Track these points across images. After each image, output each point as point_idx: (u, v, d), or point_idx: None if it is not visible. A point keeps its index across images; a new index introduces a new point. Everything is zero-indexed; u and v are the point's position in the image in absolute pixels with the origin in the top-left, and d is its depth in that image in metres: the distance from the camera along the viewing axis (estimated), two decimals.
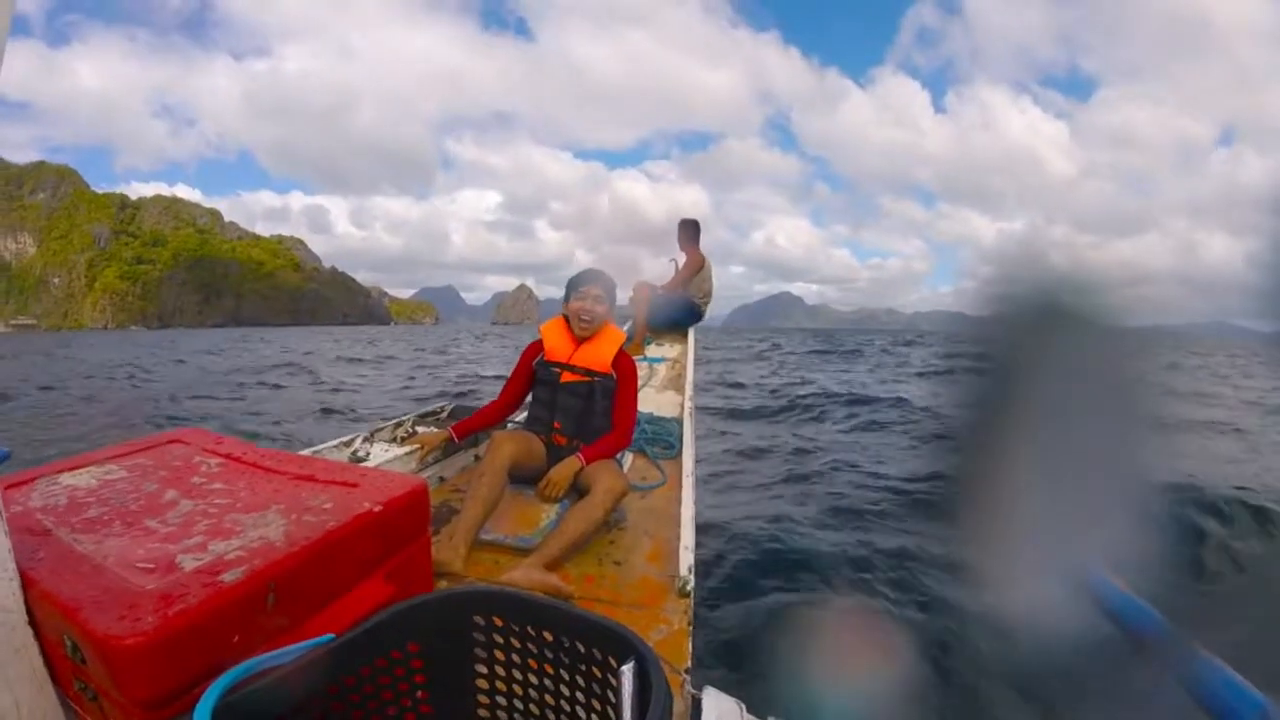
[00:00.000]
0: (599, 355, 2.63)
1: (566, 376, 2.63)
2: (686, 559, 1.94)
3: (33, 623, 0.95)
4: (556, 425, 2.62)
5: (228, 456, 1.41)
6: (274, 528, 1.06)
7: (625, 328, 5.48)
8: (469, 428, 2.77)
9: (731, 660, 2.59)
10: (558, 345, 2.69)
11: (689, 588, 1.87)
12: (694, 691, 1.48)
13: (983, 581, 0.77)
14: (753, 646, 2.68)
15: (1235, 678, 0.78)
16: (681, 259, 5.97)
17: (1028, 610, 0.76)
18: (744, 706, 1.42)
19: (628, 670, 0.87)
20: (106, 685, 0.85)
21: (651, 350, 5.46)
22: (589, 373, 2.61)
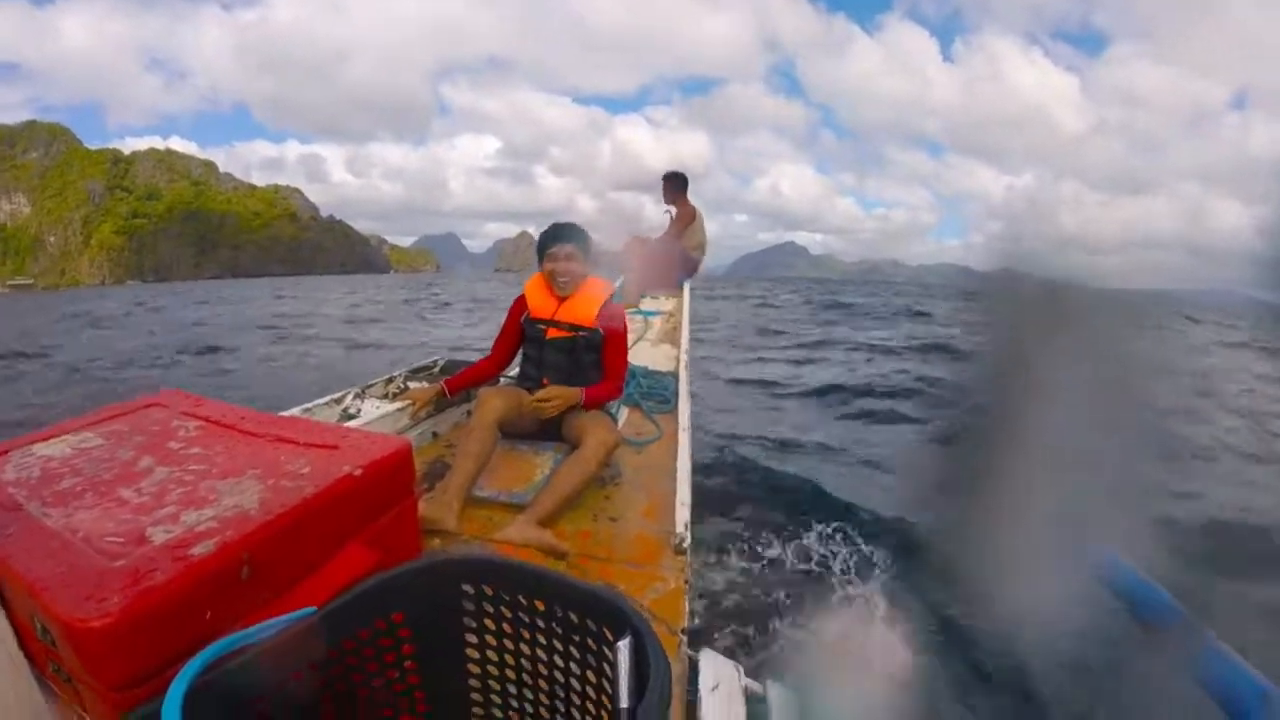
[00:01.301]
0: (583, 310, 2.58)
1: (552, 333, 2.59)
2: (683, 515, 1.92)
3: (5, 604, 0.91)
4: (545, 382, 2.59)
5: (206, 419, 1.36)
6: (249, 495, 1.01)
7: (618, 282, 5.42)
8: (461, 382, 2.74)
9: (731, 620, 2.58)
10: (541, 302, 2.64)
11: (685, 545, 1.85)
12: (691, 653, 1.46)
13: (996, 564, 0.74)
14: (754, 607, 2.67)
15: (1241, 664, 0.77)
16: (672, 211, 5.88)
17: (1041, 594, 0.74)
18: (741, 670, 1.39)
19: (624, 646, 0.83)
20: (76, 667, 0.82)
21: (646, 303, 5.42)
22: (574, 328, 2.57)
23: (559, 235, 2.57)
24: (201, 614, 0.86)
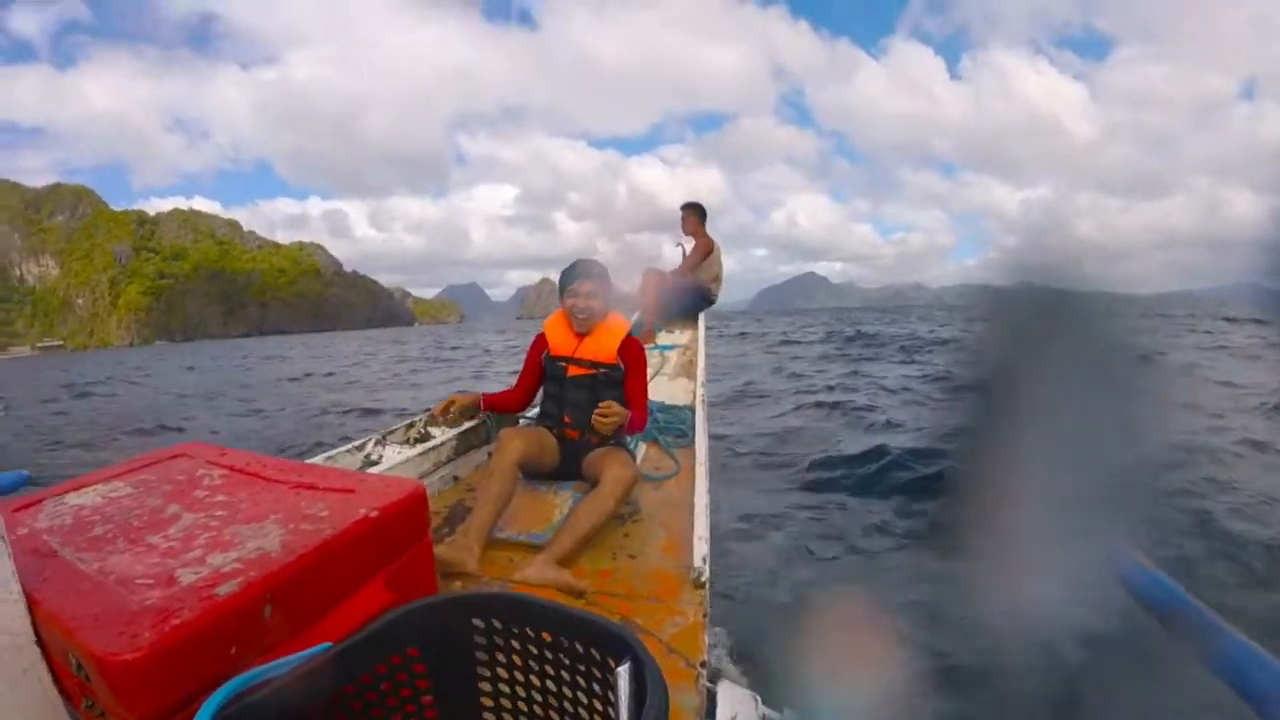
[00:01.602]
0: (603, 347, 2.61)
1: (573, 370, 2.63)
2: (701, 549, 1.92)
3: (40, 643, 0.96)
4: (566, 419, 2.62)
5: (230, 468, 1.41)
6: (271, 538, 1.06)
7: (635, 317, 5.47)
8: (497, 400, 2.81)
9: (748, 651, 2.58)
10: (561, 340, 2.68)
11: (704, 579, 1.85)
12: (709, 685, 1.47)
13: (1008, 564, 0.76)
14: (770, 637, 2.66)
15: (1262, 654, 0.76)
16: (689, 244, 5.91)
17: (1054, 591, 0.75)
18: (759, 699, 1.40)
19: (624, 672, 0.86)
20: (109, 701, 0.86)
21: (662, 338, 5.43)
22: (594, 365, 2.61)
23: (578, 272, 2.62)
24: (226, 649, 0.90)
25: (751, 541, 3.61)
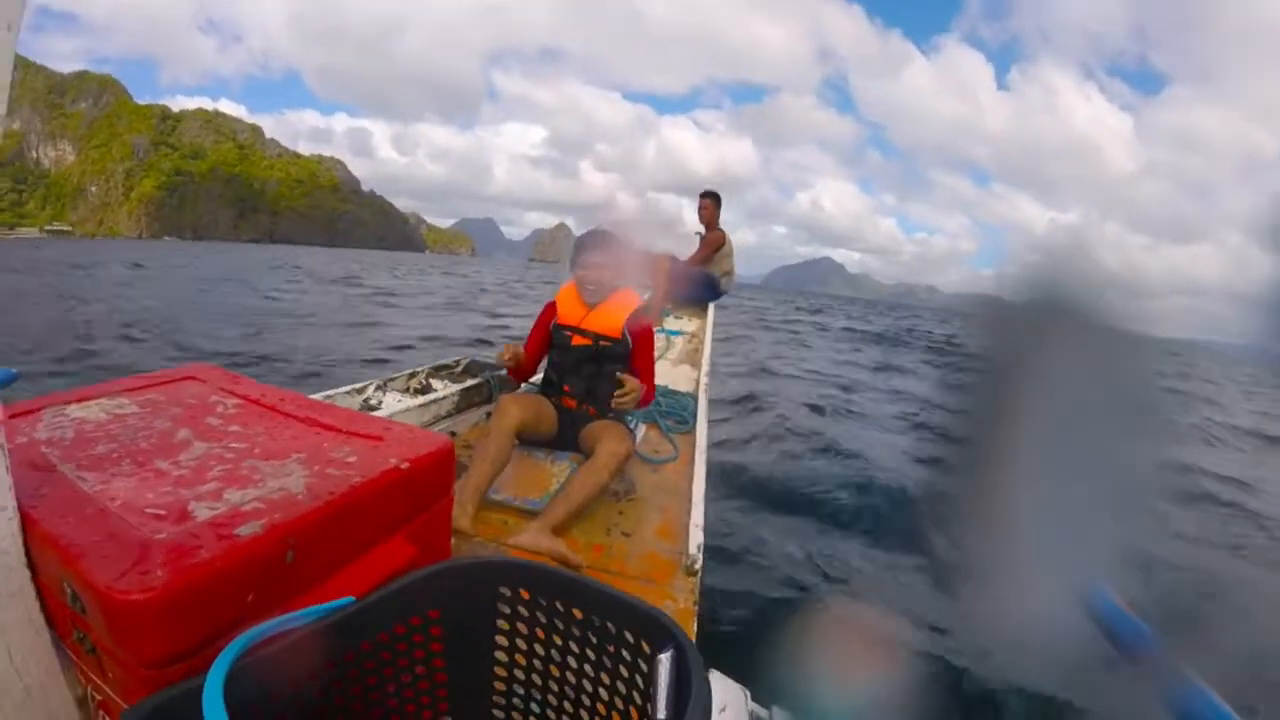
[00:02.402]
0: (610, 320, 2.55)
1: (577, 340, 2.57)
2: (696, 537, 1.89)
3: (31, 565, 0.87)
4: (566, 389, 2.57)
5: (245, 398, 1.32)
6: (295, 479, 0.97)
7: (646, 298, 5.38)
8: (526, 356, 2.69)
9: (736, 644, 2.56)
10: (570, 310, 2.62)
11: (697, 566, 1.82)
12: None
13: (984, 586, 0.73)
14: (759, 631, 2.65)
15: (1220, 705, 0.75)
16: (701, 231, 5.84)
17: (1026, 618, 0.73)
18: (748, 693, 1.37)
19: (665, 659, 0.80)
20: (107, 640, 0.78)
21: (669, 323, 5.38)
22: (598, 337, 2.55)
23: (590, 244, 2.56)
24: (244, 595, 0.82)
25: (745, 537, 3.58)
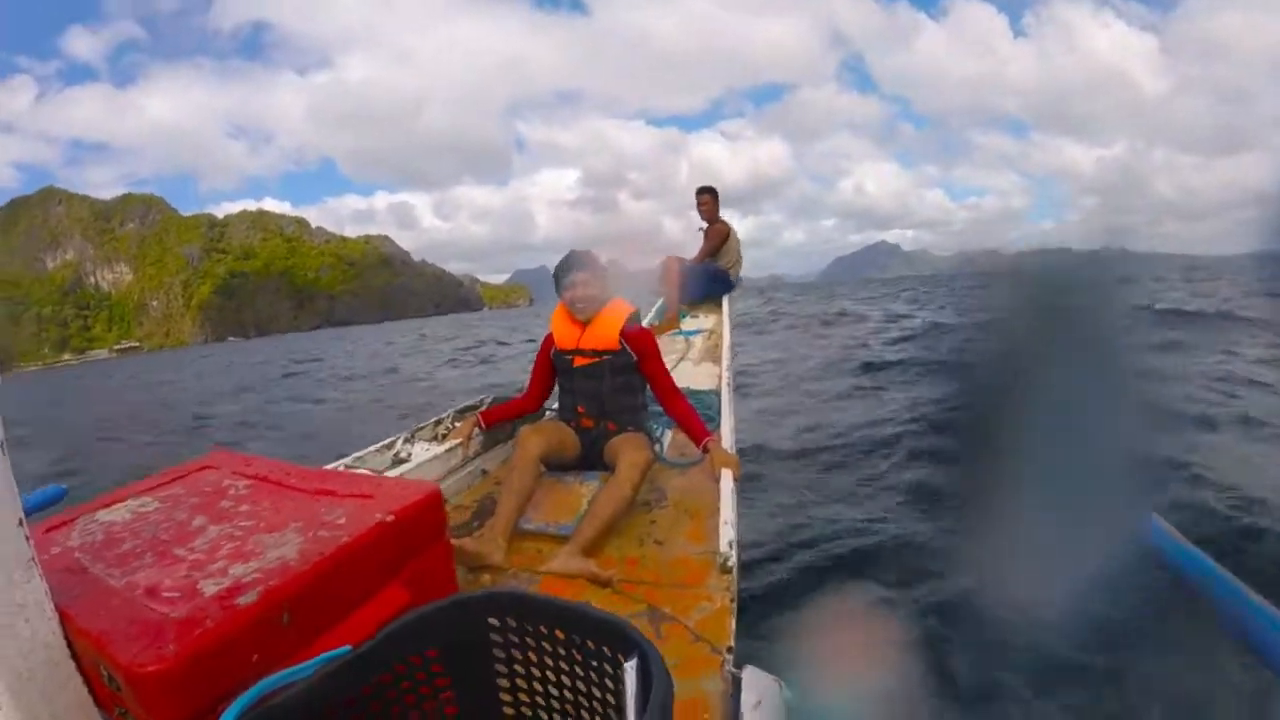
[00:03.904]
0: (605, 334, 2.65)
1: (579, 361, 2.68)
2: (727, 534, 1.94)
3: (74, 656, 1.02)
4: (580, 410, 2.69)
5: (255, 477, 1.47)
6: (290, 546, 1.11)
7: (658, 304, 5.48)
8: (497, 415, 2.87)
9: (776, 638, 2.59)
10: (565, 333, 2.73)
11: (730, 563, 1.88)
12: (734, 671, 1.50)
13: (1035, 540, 0.77)
14: (798, 624, 2.67)
15: None
16: (704, 227, 5.95)
17: (1083, 565, 0.76)
18: (783, 685, 1.43)
19: (631, 668, 0.90)
20: (138, 709, 0.92)
21: (686, 323, 5.45)
22: (598, 353, 2.65)
23: (571, 264, 2.67)
24: (248, 657, 0.95)
25: (785, 526, 3.61)
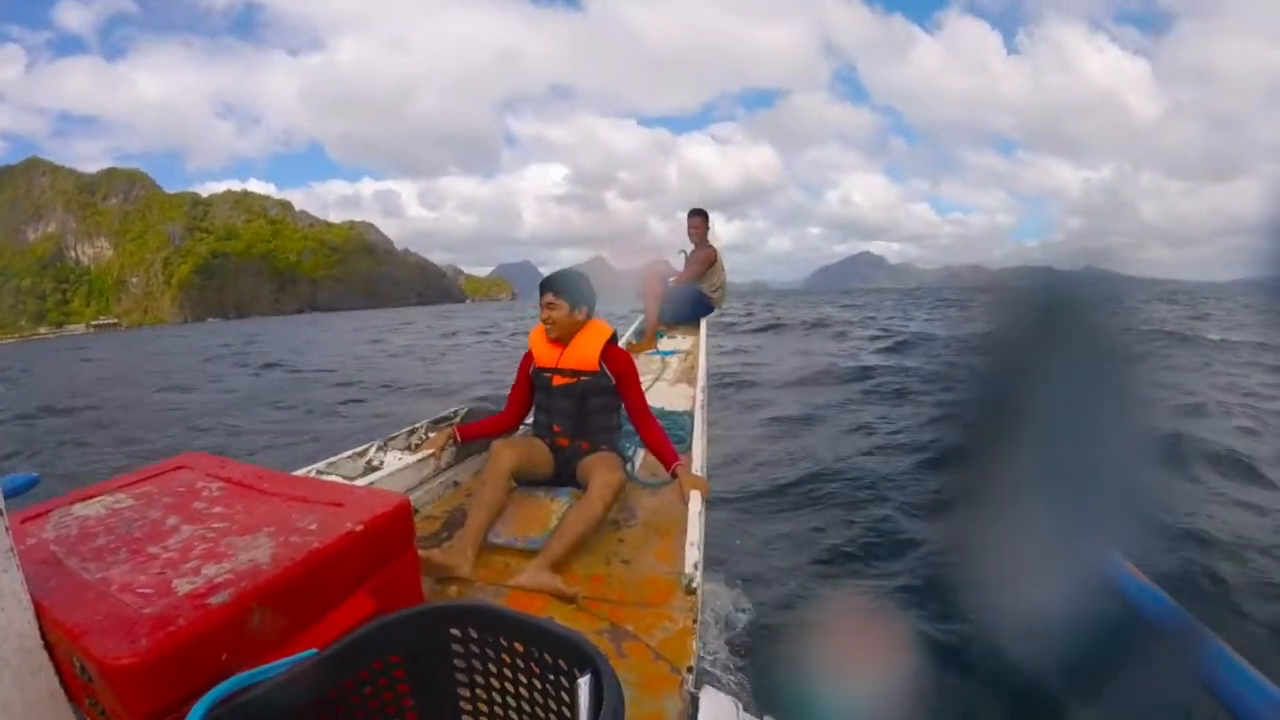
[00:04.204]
0: (585, 354, 2.70)
1: (557, 380, 2.72)
2: (693, 555, 1.98)
3: (48, 647, 1.06)
4: (555, 429, 2.72)
5: (228, 480, 1.51)
6: (262, 550, 1.16)
7: (637, 323, 5.56)
8: (474, 431, 2.91)
9: (737, 658, 2.65)
10: (545, 351, 2.78)
11: (695, 585, 1.92)
12: (693, 691, 1.55)
13: (999, 570, 0.81)
14: (759, 645, 2.73)
15: (1251, 672, 0.81)
16: (690, 249, 6.02)
17: (1045, 598, 0.80)
18: (740, 705, 1.48)
19: (584, 683, 0.95)
20: (110, 700, 0.96)
21: (663, 344, 5.51)
22: (577, 373, 2.70)
23: (545, 285, 2.73)
24: (218, 655, 1.00)
25: (749, 548, 3.68)
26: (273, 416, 10.37)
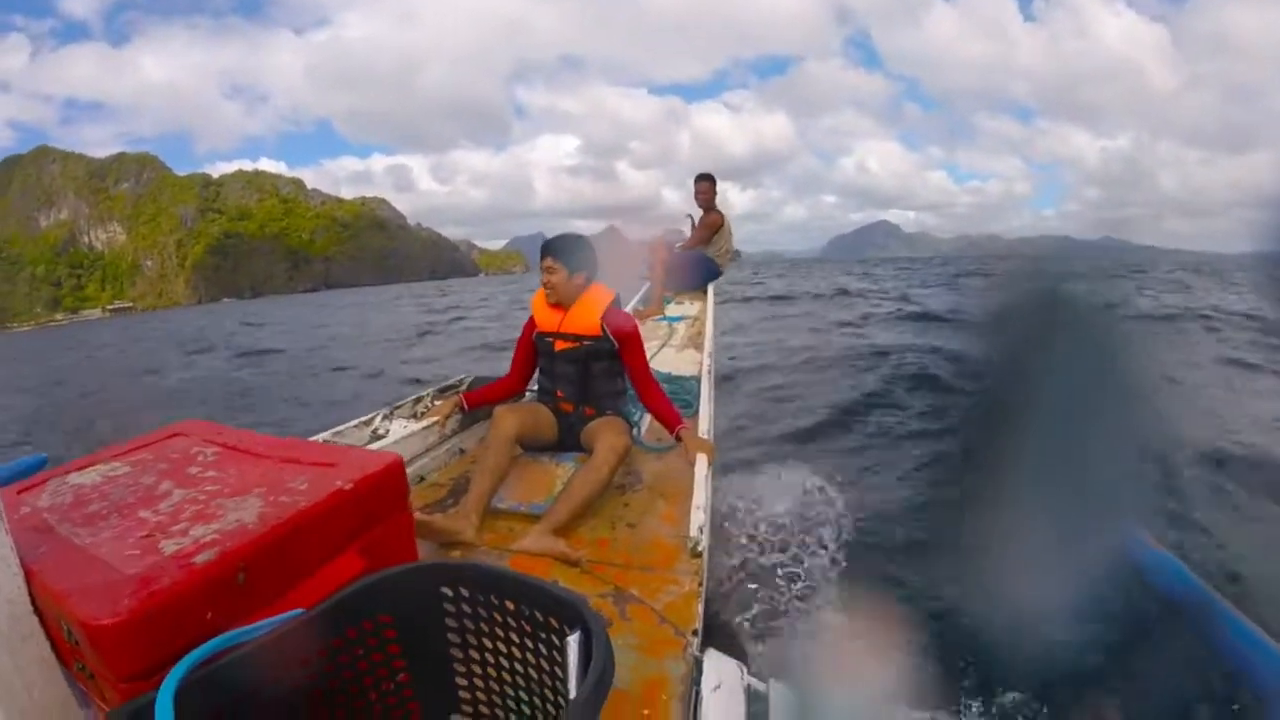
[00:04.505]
0: (586, 319, 2.69)
1: (560, 345, 2.71)
2: (698, 519, 1.99)
3: (38, 612, 1.06)
4: (559, 394, 2.73)
5: (224, 445, 1.51)
6: (250, 510, 1.15)
7: (645, 288, 5.54)
8: (479, 398, 2.91)
9: (743, 621, 2.64)
10: (546, 316, 2.77)
11: (700, 548, 1.92)
12: (696, 654, 1.54)
13: (1020, 549, 0.79)
14: (765, 608, 2.72)
15: (1271, 645, 0.80)
16: (698, 214, 5.98)
17: (1066, 575, 0.79)
18: (744, 669, 1.47)
19: (573, 640, 0.93)
20: (96, 663, 0.95)
21: (671, 309, 5.50)
22: (579, 338, 2.69)
23: (544, 249, 2.72)
24: (203, 614, 0.99)
25: (756, 512, 3.67)
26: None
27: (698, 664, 1.50)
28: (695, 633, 1.64)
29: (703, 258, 5.82)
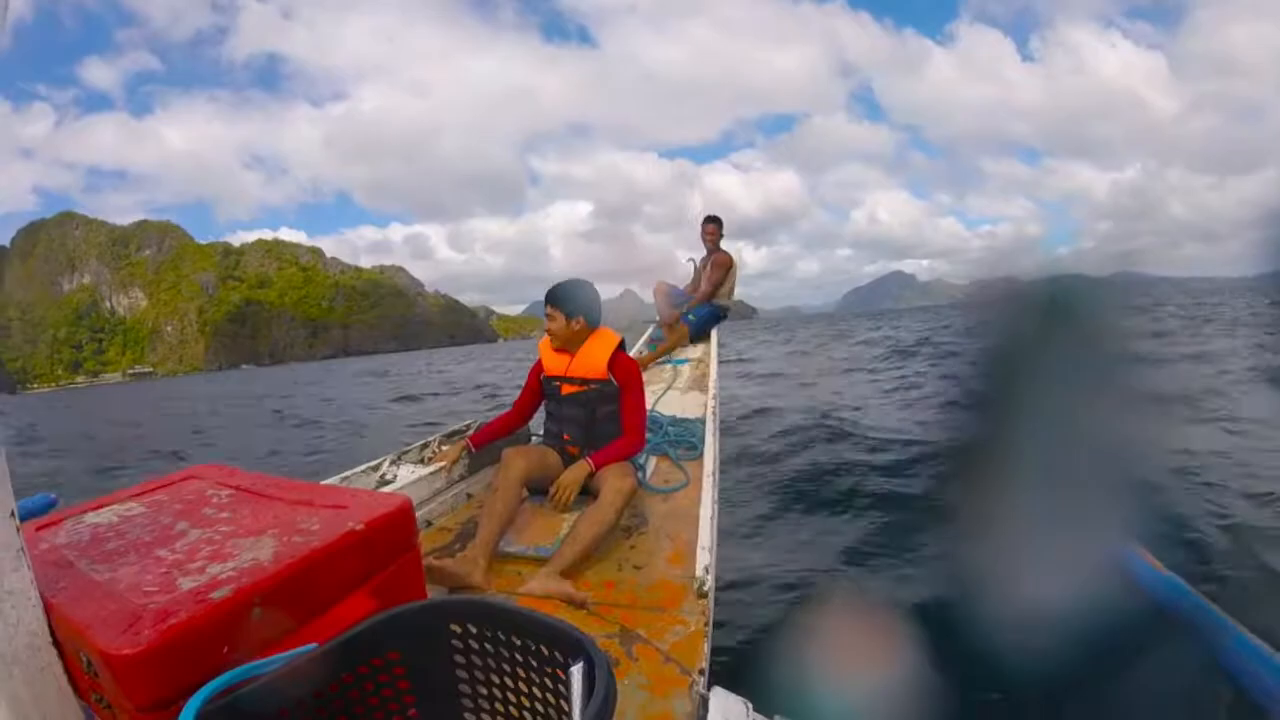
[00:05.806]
0: (592, 363, 2.76)
1: (566, 389, 2.79)
2: (704, 559, 2.03)
3: (56, 644, 1.10)
4: (565, 437, 2.79)
5: (237, 488, 1.56)
6: (265, 549, 1.20)
7: (650, 331, 5.65)
8: (484, 437, 2.96)
9: (749, 658, 2.65)
10: (553, 360, 2.85)
11: (706, 588, 1.96)
12: (703, 692, 1.57)
13: (1015, 562, 0.83)
14: (770, 644, 2.73)
15: (1270, 654, 0.82)
16: (700, 256, 6.08)
17: (1061, 588, 0.82)
18: (750, 705, 1.50)
19: (576, 672, 0.98)
20: (114, 693, 1.00)
21: (675, 352, 5.58)
22: (585, 381, 2.76)
23: (547, 297, 2.83)
24: (219, 648, 1.03)
25: (761, 550, 3.69)
26: None
27: (704, 702, 1.53)
28: (702, 671, 1.67)
29: (713, 309, 5.90)
